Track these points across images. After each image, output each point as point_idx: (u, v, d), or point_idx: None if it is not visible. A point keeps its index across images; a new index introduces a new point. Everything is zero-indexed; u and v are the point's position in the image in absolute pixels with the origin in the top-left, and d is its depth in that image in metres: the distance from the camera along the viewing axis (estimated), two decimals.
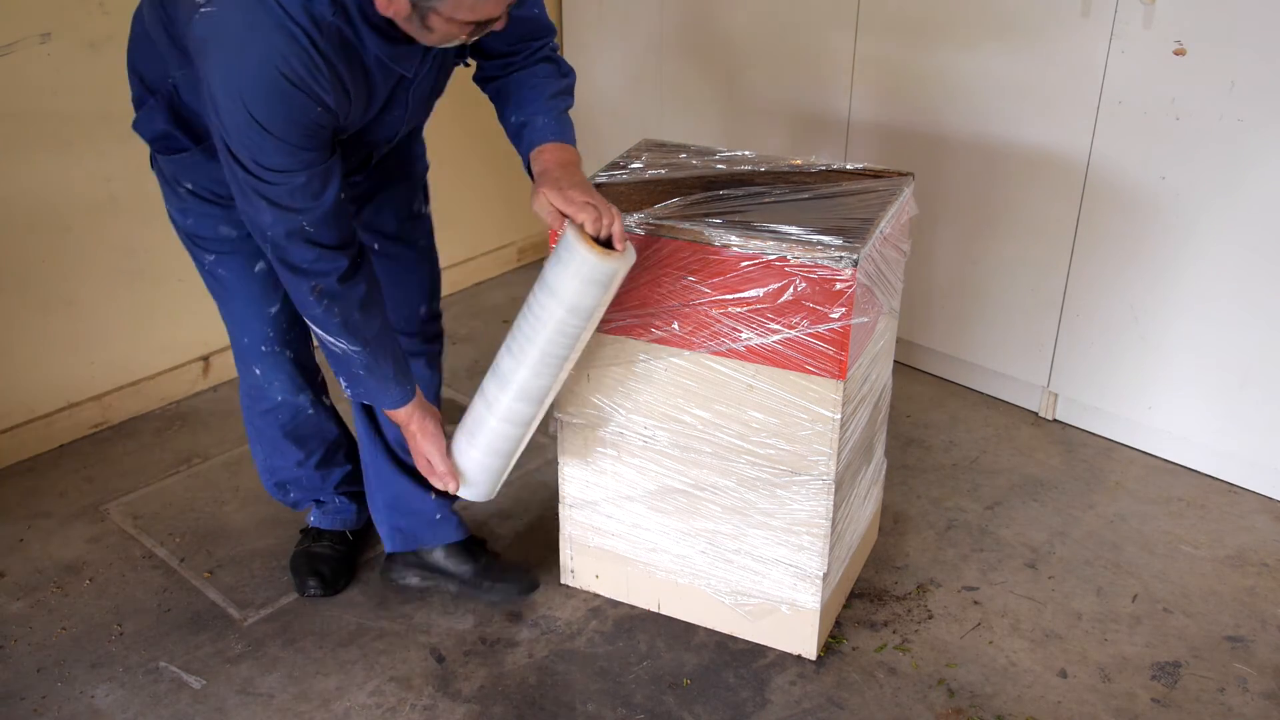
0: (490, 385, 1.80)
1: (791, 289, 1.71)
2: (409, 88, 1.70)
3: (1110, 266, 2.46)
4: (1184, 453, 2.54)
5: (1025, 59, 2.43)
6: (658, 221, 1.76)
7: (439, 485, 1.91)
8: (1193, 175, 2.27)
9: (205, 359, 2.87)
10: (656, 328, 1.83)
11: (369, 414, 2.02)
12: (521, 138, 1.80)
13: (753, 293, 1.74)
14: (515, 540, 2.31)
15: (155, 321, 2.74)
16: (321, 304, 1.68)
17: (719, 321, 1.78)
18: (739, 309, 1.75)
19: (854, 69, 2.72)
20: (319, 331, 1.73)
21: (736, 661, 2.00)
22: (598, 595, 2.15)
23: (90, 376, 2.67)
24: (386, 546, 2.13)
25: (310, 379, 2.05)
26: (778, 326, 1.74)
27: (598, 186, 1.89)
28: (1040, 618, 2.11)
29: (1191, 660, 2.01)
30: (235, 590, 2.19)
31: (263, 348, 1.95)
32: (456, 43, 1.55)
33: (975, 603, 2.14)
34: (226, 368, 2.90)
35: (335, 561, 2.18)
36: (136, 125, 1.79)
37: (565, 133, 1.80)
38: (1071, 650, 2.03)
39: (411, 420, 1.85)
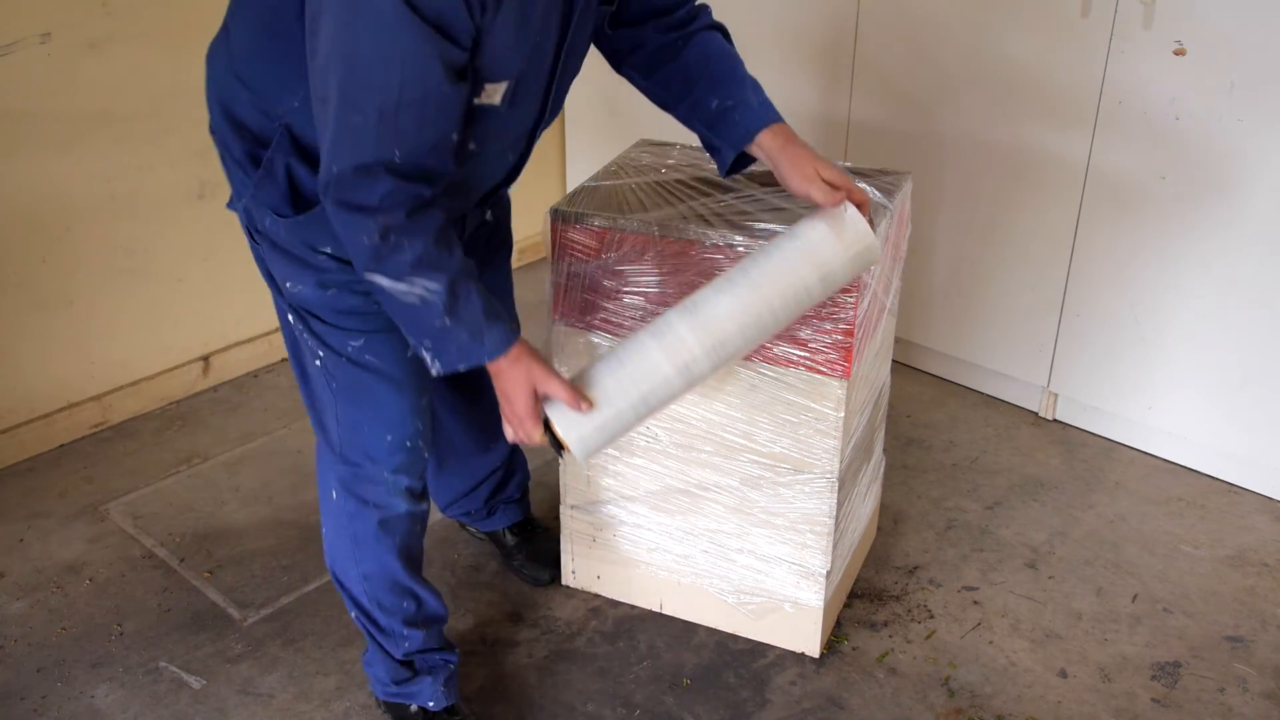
0: (677, 322, 1.49)
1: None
2: (569, 32, 1.45)
3: (1110, 266, 2.46)
4: (1184, 453, 2.54)
5: (1025, 59, 2.43)
6: (659, 221, 1.76)
7: (548, 429, 1.51)
8: (1193, 175, 2.28)
9: (205, 359, 2.87)
10: None
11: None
12: (731, 121, 1.58)
13: None
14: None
15: (155, 321, 2.74)
16: (387, 242, 1.35)
17: None
18: None
19: (854, 69, 2.72)
20: (385, 283, 1.37)
21: (736, 661, 2.00)
22: (598, 595, 2.15)
23: (90, 376, 2.67)
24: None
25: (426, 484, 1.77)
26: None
27: (597, 187, 1.89)
28: (1040, 618, 2.11)
29: (1191, 660, 2.01)
30: (235, 590, 2.19)
31: (408, 443, 1.64)
32: None
33: (975, 603, 2.15)
34: (226, 368, 2.90)
35: None
36: (257, 197, 1.49)
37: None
38: (1071, 650, 2.03)
39: (521, 358, 1.46)
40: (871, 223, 1.53)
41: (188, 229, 2.72)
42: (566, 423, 1.47)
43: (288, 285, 1.55)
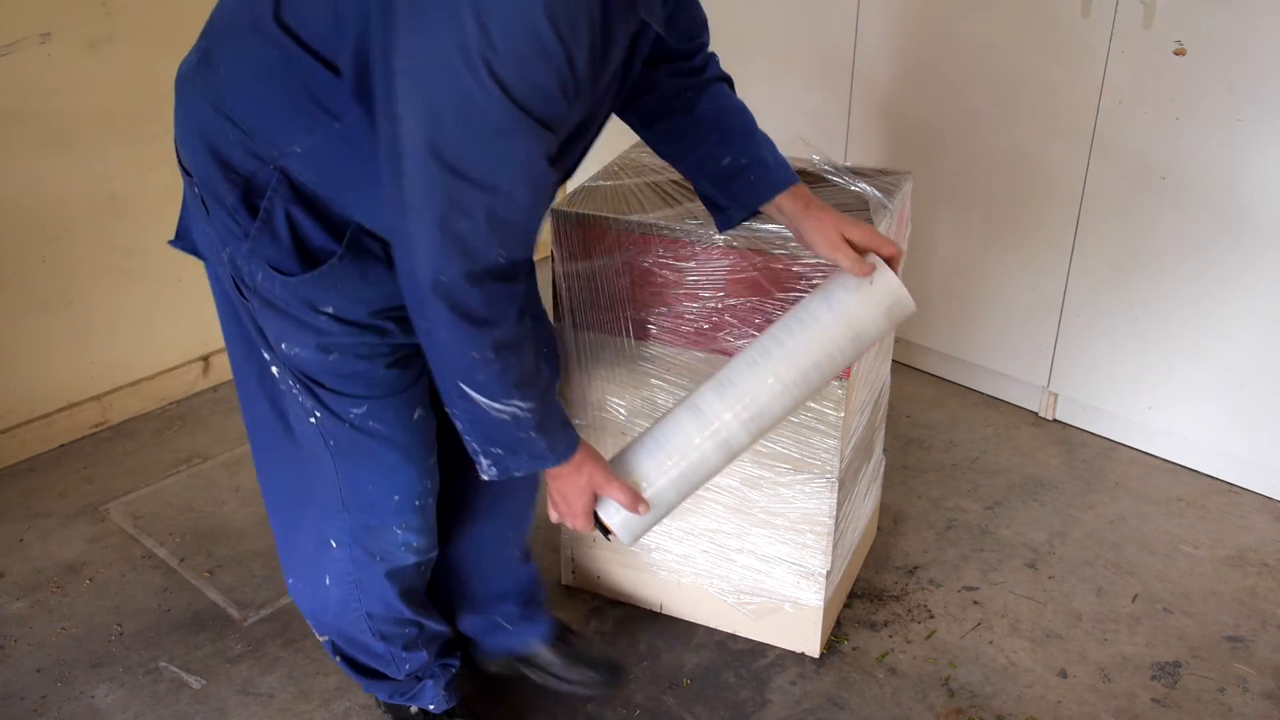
0: (714, 400, 1.49)
1: (795, 288, 1.71)
2: (626, 72, 1.38)
3: (1110, 266, 2.46)
4: (1184, 453, 2.54)
5: (1025, 59, 2.43)
6: (659, 222, 1.76)
7: (596, 521, 1.49)
8: (1193, 175, 2.28)
9: (205, 359, 2.87)
10: (659, 327, 1.83)
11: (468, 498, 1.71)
12: (745, 181, 1.52)
13: (756, 292, 1.74)
14: None
15: (155, 321, 2.74)
16: (499, 361, 1.29)
17: (722, 321, 1.78)
18: (743, 308, 1.75)
19: (854, 69, 2.72)
20: (479, 399, 1.31)
21: (736, 661, 2.00)
22: (598, 595, 2.15)
23: (90, 376, 2.67)
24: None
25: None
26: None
27: (597, 188, 1.89)
28: (1040, 618, 2.11)
29: (1191, 660, 2.01)
30: (235, 590, 2.19)
31: (416, 502, 1.56)
32: None
33: (975, 603, 2.15)
34: (226, 368, 2.90)
35: None
36: (254, 250, 1.33)
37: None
38: (1071, 650, 2.03)
39: (584, 464, 1.43)
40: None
41: None
42: (611, 510, 1.49)
43: (283, 346, 1.41)
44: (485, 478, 1.41)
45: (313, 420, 1.48)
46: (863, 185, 1.83)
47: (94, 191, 2.55)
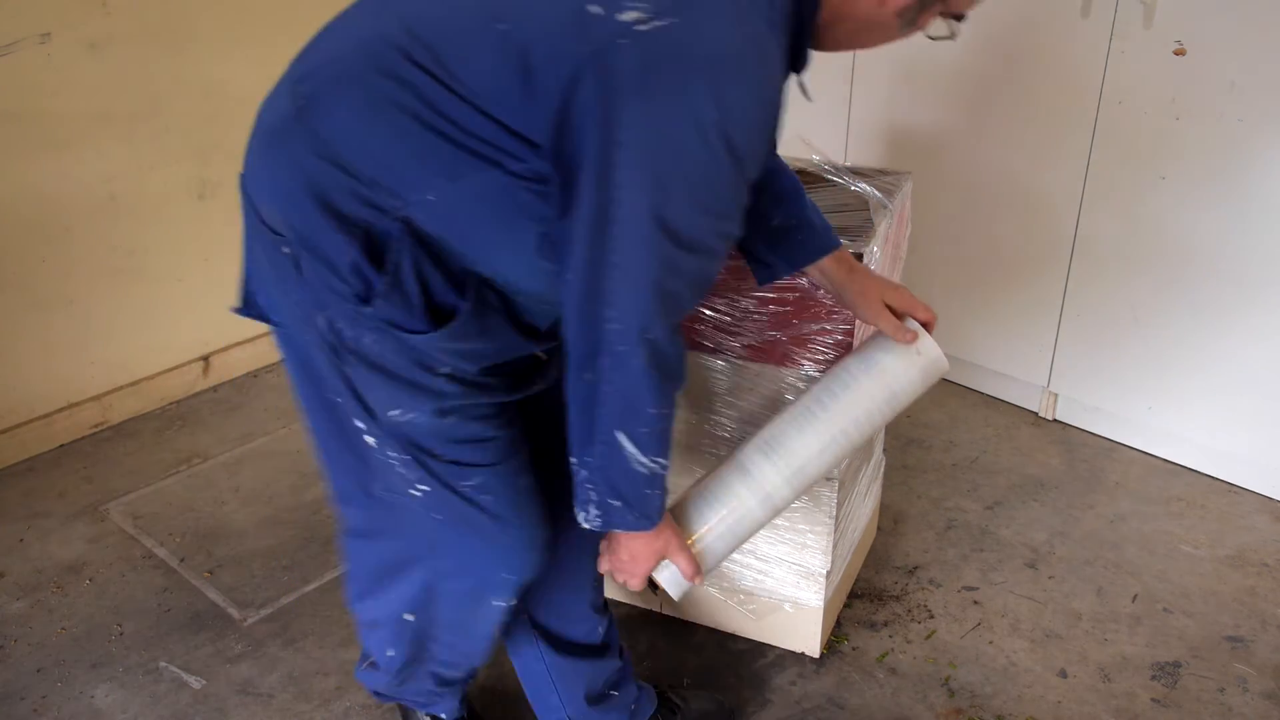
0: (762, 461, 1.55)
1: (795, 288, 1.71)
2: None
3: (1110, 267, 2.46)
4: (1184, 453, 2.54)
5: (1025, 59, 2.43)
6: None
7: (657, 580, 1.49)
8: (1192, 175, 2.28)
9: (205, 359, 2.87)
10: None
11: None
12: (793, 241, 1.54)
13: (756, 292, 1.74)
14: None
15: (155, 321, 2.74)
16: (670, 417, 1.30)
17: (723, 321, 1.78)
18: (743, 309, 1.76)
19: (854, 69, 2.72)
20: (634, 452, 1.29)
21: (736, 661, 2.00)
22: None
23: (90, 376, 2.67)
24: None
25: None
26: (782, 325, 1.74)
27: None
28: (1040, 618, 2.11)
29: (1191, 660, 2.01)
30: (235, 590, 2.19)
31: (528, 573, 1.49)
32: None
33: (975, 603, 2.15)
34: (226, 368, 2.91)
35: None
36: (376, 310, 1.22)
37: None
38: (1071, 650, 2.03)
39: (663, 530, 1.43)
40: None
41: (188, 229, 2.72)
42: (659, 565, 1.53)
43: (392, 414, 1.31)
44: (586, 526, 1.36)
45: (415, 493, 1.39)
46: (863, 185, 1.83)
47: (94, 191, 2.55)
